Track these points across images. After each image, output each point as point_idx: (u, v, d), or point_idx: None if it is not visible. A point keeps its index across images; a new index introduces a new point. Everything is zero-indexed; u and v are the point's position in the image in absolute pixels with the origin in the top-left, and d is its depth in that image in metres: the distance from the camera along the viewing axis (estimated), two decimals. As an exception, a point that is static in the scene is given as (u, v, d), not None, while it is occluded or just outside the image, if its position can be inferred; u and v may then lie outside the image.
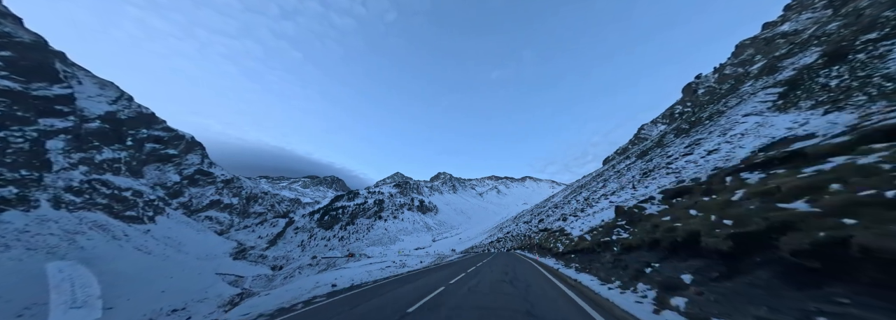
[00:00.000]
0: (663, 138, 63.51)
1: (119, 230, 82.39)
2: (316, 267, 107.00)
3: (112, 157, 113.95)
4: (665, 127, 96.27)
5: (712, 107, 52.63)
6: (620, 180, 42.40)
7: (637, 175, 40.73)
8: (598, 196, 39.51)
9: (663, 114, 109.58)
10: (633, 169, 47.27)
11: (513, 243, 49.85)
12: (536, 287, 7.77)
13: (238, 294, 77.32)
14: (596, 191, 46.01)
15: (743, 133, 24.35)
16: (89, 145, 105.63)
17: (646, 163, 47.35)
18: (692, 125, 52.05)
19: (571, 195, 76.04)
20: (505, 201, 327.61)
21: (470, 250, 66.44)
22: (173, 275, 69.34)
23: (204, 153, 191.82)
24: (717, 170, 9.63)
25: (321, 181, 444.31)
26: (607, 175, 64.73)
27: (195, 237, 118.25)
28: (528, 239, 39.35)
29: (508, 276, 10.09)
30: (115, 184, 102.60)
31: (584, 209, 26.81)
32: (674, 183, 17.15)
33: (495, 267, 13.95)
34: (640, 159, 58.50)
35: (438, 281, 9.87)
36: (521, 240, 48.03)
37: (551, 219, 46.92)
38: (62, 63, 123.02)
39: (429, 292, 7.61)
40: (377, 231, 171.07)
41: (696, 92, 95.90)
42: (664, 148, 46.36)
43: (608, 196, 30.97)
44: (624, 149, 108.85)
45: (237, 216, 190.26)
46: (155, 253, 78.97)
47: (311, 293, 10.69)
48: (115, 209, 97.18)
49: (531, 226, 60.93)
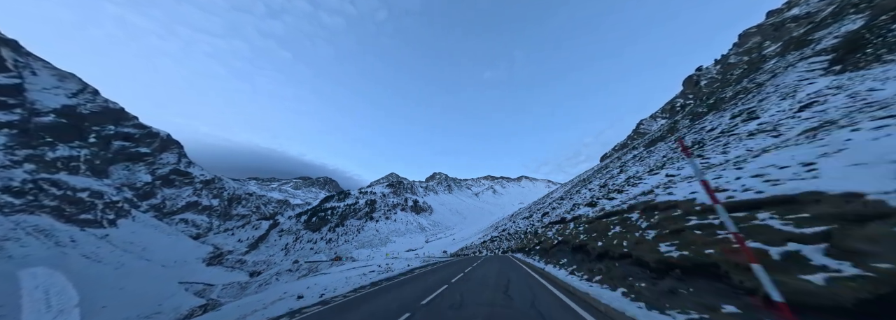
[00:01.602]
0: (675, 125, 58.02)
1: (65, 235, 72.22)
2: (296, 272, 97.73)
3: (68, 155, 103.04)
4: (665, 121, 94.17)
5: (731, 88, 49.20)
6: (646, 162, 35.38)
7: (668, 153, 33.97)
8: (619, 182, 32.29)
9: (662, 109, 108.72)
10: (657, 152, 40.52)
11: (512, 243, 41.90)
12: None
13: (201, 305, 67.91)
14: (613, 178, 38.80)
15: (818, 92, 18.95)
16: (40, 141, 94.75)
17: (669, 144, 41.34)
18: (711, 107, 48.82)
19: (574, 188, 69.22)
20: (501, 201, 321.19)
21: (460, 252, 58.49)
22: (124, 286, 59.78)
23: (181, 152, 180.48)
24: None
25: (313, 182, 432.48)
26: (613, 166, 58.06)
27: (164, 241, 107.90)
28: (532, 236, 31.57)
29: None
30: (68, 185, 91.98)
31: (617, 192, 19.45)
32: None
33: (475, 282, 9.05)
34: (647, 148, 53.31)
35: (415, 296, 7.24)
36: (520, 238, 40.13)
37: (560, 211, 39.34)
38: (14, 52, 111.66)
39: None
40: (368, 232, 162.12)
41: (699, 83, 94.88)
42: (697, 124, 39.57)
43: (641, 177, 23.57)
44: (623, 145, 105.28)
45: (217, 218, 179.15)
46: (106, 261, 69.11)
47: (266, 312, 9.38)
48: (68, 212, 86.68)
49: (533, 221, 53.11)
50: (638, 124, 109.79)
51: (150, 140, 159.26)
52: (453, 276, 11.22)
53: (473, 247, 59.47)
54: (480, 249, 51.86)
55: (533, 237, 30.98)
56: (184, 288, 71.53)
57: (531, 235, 34.12)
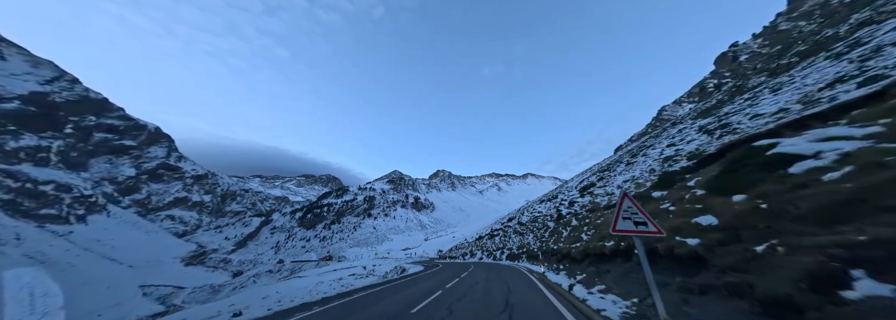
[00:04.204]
0: (745, 82, 45.92)
1: (10, 232, 63.45)
2: (277, 274, 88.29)
3: (35, 145, 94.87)
4: (694, 105, 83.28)
5: (795, 48, 37.66)
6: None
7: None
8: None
9: (689, 93, 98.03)
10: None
11: (517, 241, 29.71)
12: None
13: (158, 313, 58.45)
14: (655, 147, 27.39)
15: None
16: (0, 129, 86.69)
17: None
18: (774, 72, 38.05)
19: (597, 174, 57.44)
20: (506, 199, 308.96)
21: (447, 255, 47.40)
22: (60, 292, 50.45)
23: (171, 145, 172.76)
24: None
25: (316, 180, 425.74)
26: (638, 147, 46.06)
27: (140, 239, 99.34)
28: (557, 219, 19.66)
29: None
30: (28, 177, 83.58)
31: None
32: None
33: None
34: (701, 117, 41.35)
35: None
36: (538, 229, 27.43)
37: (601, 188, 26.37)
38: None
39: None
40: (364, 230, 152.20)
41: (737, 59, 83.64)
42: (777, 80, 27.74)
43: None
44: (641, 134, 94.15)
45: (209, 215, 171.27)
46: (52, 262, 60.22)
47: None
48: (24, 206, 78.27)
49: (558, 203, 35.67)
50: (660, 111, 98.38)
51: (136, 132, 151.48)
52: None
53: (466, 246, 48.15)
54: (472, 250, 40.73)
55: (553, 226, 19.44)
56: (142, 293, 62.11)
57: (553, 222, 21.68)
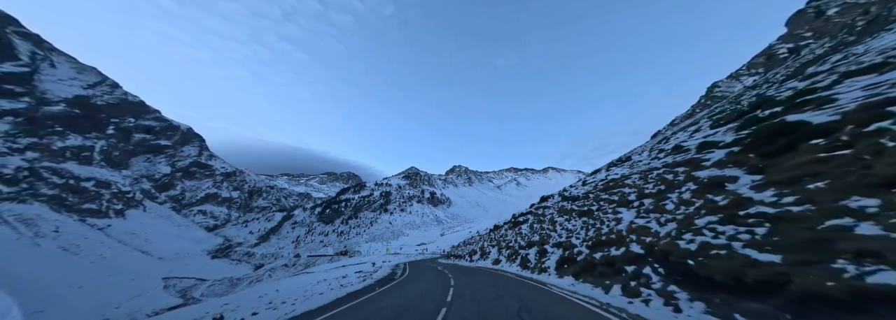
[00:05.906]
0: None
1: (50, 225, 68.85)
2: (292, 268, 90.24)
3: (80, 145, 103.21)
4: (759, 77, 71.90)
5: None
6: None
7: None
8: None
9: (749, 64, 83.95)
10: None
11: (574, 227, 21.97)
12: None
13: (173, 307, 60.83)
14: None
15: None
16: (48, 130, 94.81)
17: None
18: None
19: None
20: (525, 193, 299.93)
21: (452, 253, 43.89)
22: (83, 285, 53.42)
23: (203, 145, 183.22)
24: None
25: (338, 177, 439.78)
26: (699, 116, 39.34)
27: (172, 233, 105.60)
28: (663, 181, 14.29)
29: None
30: (72, 174, 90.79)
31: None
32: None
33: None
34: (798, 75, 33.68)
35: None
36: (586, 214, 18.96)
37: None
38: (36, 45, 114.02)
39: None
40: (381, 225, 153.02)
41: (822, 15, 70.53)
42: None
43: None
44: (689, 113, 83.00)
45: (238, 210, 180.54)
46: (84, 254, 64.60)
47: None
48: (69, 201, 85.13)
49: (651, 156, 20.70)
50: (710, 88, 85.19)
51: (170, 133, 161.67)
52: None
53: (475, 242, 44.40)
54: (486, 246, 37.13)
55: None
56: (164, 286, 64.97)
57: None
